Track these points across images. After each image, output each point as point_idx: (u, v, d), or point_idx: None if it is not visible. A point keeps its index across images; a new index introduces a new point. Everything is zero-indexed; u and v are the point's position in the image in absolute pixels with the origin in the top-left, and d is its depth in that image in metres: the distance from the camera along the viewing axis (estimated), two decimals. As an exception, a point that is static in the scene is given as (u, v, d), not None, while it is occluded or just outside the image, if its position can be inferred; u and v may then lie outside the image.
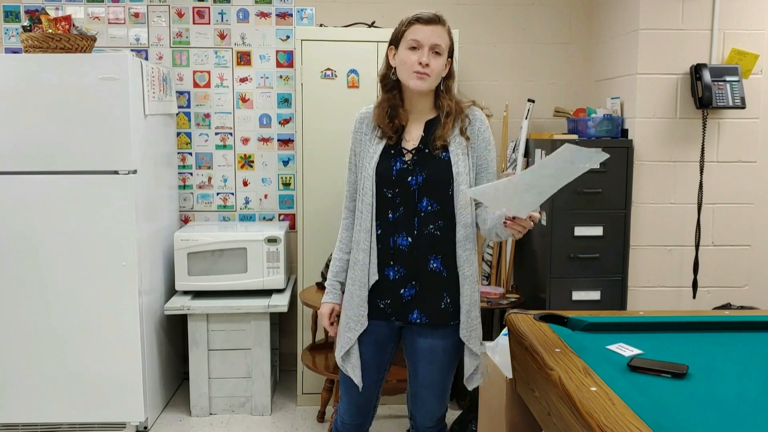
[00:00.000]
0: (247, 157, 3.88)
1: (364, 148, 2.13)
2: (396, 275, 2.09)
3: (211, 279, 3.44)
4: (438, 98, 2.11)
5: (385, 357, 2.19)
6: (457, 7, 3.79)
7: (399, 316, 2.11)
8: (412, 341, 2.15)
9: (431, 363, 2.13)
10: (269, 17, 3.80)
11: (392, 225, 2.07)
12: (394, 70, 2.08)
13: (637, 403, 1.45)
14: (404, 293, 2.09)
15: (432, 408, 2.20)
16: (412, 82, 2.02)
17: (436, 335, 2.11)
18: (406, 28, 2.04)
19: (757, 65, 3.23)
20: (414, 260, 2.07)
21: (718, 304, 3.25)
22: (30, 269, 3.08)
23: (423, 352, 2.13)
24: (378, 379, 2.21)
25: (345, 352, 2.14)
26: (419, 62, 1.99)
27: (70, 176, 3.04)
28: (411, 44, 2.01)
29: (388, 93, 2.11)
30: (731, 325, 2.09)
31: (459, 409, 3.40)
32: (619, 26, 3.43)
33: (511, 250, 3.72)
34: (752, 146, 3.28)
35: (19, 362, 3.12)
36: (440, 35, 2.02)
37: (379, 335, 2.14)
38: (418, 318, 2.10)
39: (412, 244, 2.07)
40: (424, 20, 2.01)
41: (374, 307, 2.12)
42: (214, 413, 3.47)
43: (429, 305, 2.09)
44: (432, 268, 2.08)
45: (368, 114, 2.16)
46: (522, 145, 3.64)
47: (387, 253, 2.09)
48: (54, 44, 3.02)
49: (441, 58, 2.04)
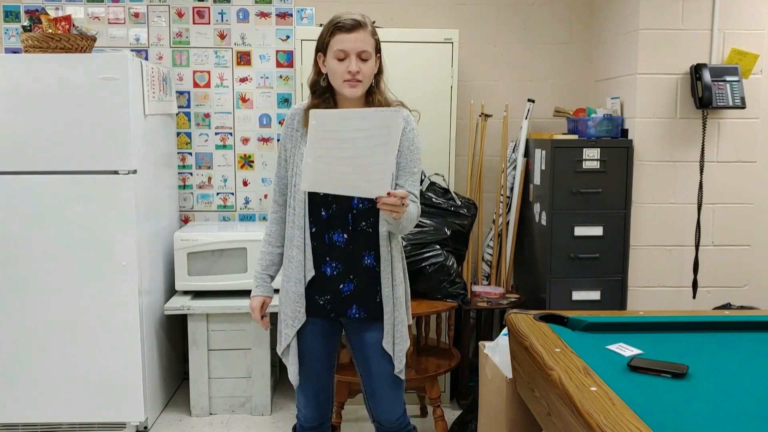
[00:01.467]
0: (247, 157, 3.88)
1: (295, 145, 2.14)
2: (334, 271, 2.12)
3: (211, 279, 3.44)
4: (369, 94, 2.13)
5: (332, 344, 2.23)
6: (457, 7, 3.79)
7: (338, 311, 2.14)
8: (358, 337, 2.18)
9: (382, 356, 2.15)
10: (269, 17, 3.80)
11: (326, 222, 2.09)
12: (325, 75, 2.10)
13: (637, 403, 1.45)
14: (343, 288, 2.12)
15: (391, 401, 2.21)
16: (346, 90, 2.05)
17: (377, 328, 2.14)
18: (329, 37, 2.05)
19: (757, 65, 3.23)
20: (350, 256, 2.10)
21: (718, 304, 3.25)
22: (30, 269, 3.07)
23: (370, 345, 2.16)
24: (330, 366, 2.24)
25: (285, 348, 2.18)
26: (349, 71, 2.01)
27: (70, 176, 3.04)
28: (338, 55, 2.02)
29: (319, 98, 2.12)
30: (731, 325, 2.09)
31: (459, 409, 3.41)
32: (619, 26, 3.43)
33: (511, 250, 3.72)
34: (752, 146, 3.28)
35: (19, 362, 3.12)
36: (364, 40, 2.03)
37: (323, 327, 2.18)
38: (357, 313, 2.13)
39: (348, 240, 2.09)
40: (347, 28, 2.01)
41: (313, 305, 2.14)
42: (214, 413, 3.47)
43: (366, 300, 2.13)
44: (366, 264, 2.11)
45: (299, 111, 2.16)
46: (522, 145, 3.64)
47: (323, 249, 2.11)
48: (54, 44, 3.02)
49: (369, 61, 2.05)
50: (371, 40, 2.06)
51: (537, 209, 3.46)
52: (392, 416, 2.23)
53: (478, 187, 3.72)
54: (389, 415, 2.23)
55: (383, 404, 2.21)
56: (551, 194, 3.25)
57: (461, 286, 3.25)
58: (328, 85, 2.11)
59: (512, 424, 2.16)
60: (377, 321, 2.14)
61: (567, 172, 3.24)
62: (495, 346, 2.40)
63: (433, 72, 3.47)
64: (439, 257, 3.19)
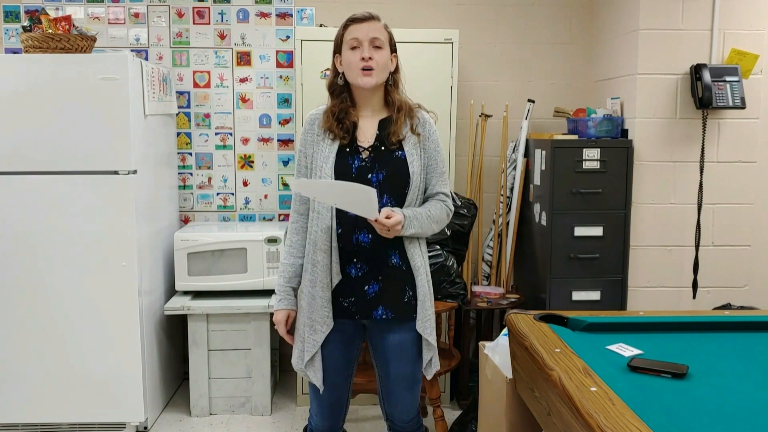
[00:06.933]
0: (247, 157, 3.88)
1: (317, 150, 2.13)
2: (358, 272, 2.10)
3: (211, 279, 3.44)
4: (388, 93, 2.15)
5: (353, 353, 2.21)
6: (457, 7, 3.79)
7: (363, 313, 2.12)
8: (381, 338, 2.16)
9: (401, 357, 2.15)
10: (269, 17, 3.80)
11: (353, 222, 2.07)
12: (342, 75, 2.12)
13: (637, 403, 1.45)
14: (368, 290, 2.11)
15: (407, 403, 2.21)
16: (360, 79, 2.06)
17: (402, 329, 2.13)
18: (343, 31, 2.11)
19: (757, 65, 3.23)
20: (376, 256, 2.09)
21: (718, 304, 3.25)
22: (30, 269, 3.07)
23: (393, 347, 2.14)
24: (348, 374, 2.22)
25: (310, 357, 2.13)
26: (362, 57, 2.04)
27: (70, 176, 3.04)
28: (351, 44, 2.07)
29: (337, 98, 2.14)
30: (731, 325, 2.09)
31: (459, 409, 3.41)
32: (619, 26, 3.43)
33: (511, 251, 3.72)
34: (752, 146, 3.28)
35: (19, 362, 3.12)
36: (377, 29, 2.09)
37: (345, 333, 2.15)
38: (384, 314, 2.11)
39: (374, 241, 2.08)
40: (359, 19, 2.10)
41: (338, 307, 2.12)
42: (214, 413, 3.47)
43: (393, 300, 2.11)
44: (393, 264, 2.11)
45: (319, 115, 2.16)
46: (522, 146, 3.64)
47: (349, 251, 2.09)
48: (54, 44, 3.02)
49: (383, 51, 2.09)
50: (384, 32, 2.11)
51: (537, 209, 3.46)
52: (407, 417, 2.23)
53: (478, 188, 3.72)
54: (404, 415, 2.23)
55: (399, 406, 2.21)
56: (551, 194, 3.25)
57: (461, 286, 3.25)
58: (345, 83, 2.13)
59: (512, 424, 2.16)
60: (402, 322, 2.13)
61: (567, 172, 3.24)
62: (495, 347, 2.40)
63: (433, 72, 3.47)
64: (439, 257, 3.19)
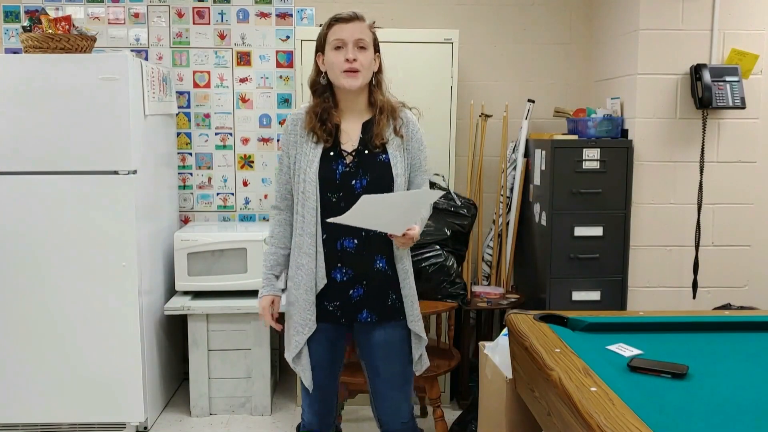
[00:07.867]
0: (247, 157, 3.88)
1: (300, 151, 2.12)
2: (344, 277, 2.11)
3: (211, 279, 3.44)
4: (371, 94, 2.14)
5: (337, 353, 2.22)
6: (457, 7, 3.79)
7: (348, 317, 2.14)
8: (367, 339, 2.17)
9: (389, 356, 2.16)
10: (269, 17, 3.80)
11: (338, 228, 2.04)
12: (324, 74, 2.11)
13: (637, 403, 1.45)
14: (353, 294, 2.12)
15: (397, 403, 2.20)
16: (344, 81, 2.05)
17: (388, 327, 2.15)
18: (327, 30, 2.08)
19: (757, 65, 3.22)
20: (362, 261, 2.10)
21: (718, 304, 3.25)
22: (30, 269, 3.07)
23: (379, 346, 2.16)
24: (334, 374, 2.23)
25: (296, 354, 2.15)
26: (346, 59, 2.02)
27: (70, 176, 3.04)
28: (335, 44, 2.05)
29: (319, 97, 2.13)
30: (731, 325, 2.09)
31: (459, 409, 3.40)
32: (619, 26, 3.43)
33: (511, 250, 3.72)
34: (752, 146, 3.28)
35: (19, 362, 3.12)
36: (362, 30, 2.06)
37: (329, 334, 2.16)
38: (368, 317, 2.13)
39: (359, 246, 2.09)
40: (344, 19, 2.06)
41: (322, 310, 2.13)
42: (214, 413, 3.47)
43: (377, 304, 2.13)
44: (378, 268, 2.12)
45: (301, 115, 2.15)
46: (522, 146, 3.64)
47: (334, 256, 2.10)
48: (54, 44, 3.02)
49: (367, 51, 2.06)
50: (369, 32, 2.08)
51: (537, 209, 3.46)
52: (398, 419, 2.21)
53: (478, 188, 3.72)
54: (394, 417, 2.21)
55: (387, 405, 2.20)
56: (551, 194, 3.25)
57: (461, 286, 3.25)
58: (328, 83, 2.11)
59: (512, 425, 2.16)
60: (387, 321, 2.15)
61: (567, 173, 3.24)
62: (495, 347, 2.40)
63: (433, 72, 3.47)
64: (439, 257, 3.19)
